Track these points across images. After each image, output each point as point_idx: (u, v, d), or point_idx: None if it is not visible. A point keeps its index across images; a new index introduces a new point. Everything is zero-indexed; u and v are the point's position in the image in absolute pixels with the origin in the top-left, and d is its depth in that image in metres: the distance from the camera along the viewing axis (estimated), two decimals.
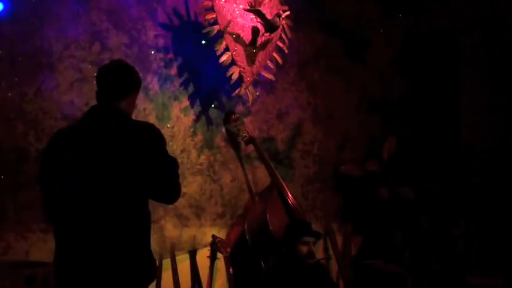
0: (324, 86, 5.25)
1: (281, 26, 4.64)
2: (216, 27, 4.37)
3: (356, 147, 5.38)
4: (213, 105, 4.71)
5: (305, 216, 4.72)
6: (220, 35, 4.39)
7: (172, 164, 2.90)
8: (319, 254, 4.80)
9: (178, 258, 4.38)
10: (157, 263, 3.36)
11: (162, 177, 2.85)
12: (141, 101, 4.31)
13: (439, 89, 5.54)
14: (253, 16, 4.51)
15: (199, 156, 4.62)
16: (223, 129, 4.72)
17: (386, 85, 5.52)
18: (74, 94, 4.14)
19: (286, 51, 4.75)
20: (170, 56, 4.51)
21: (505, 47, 5.25)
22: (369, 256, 4.93)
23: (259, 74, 4.64)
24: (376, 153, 5.22)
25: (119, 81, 2.97)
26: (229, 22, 4.40)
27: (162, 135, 2.92)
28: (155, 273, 3.01)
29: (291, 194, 4.64)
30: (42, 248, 3.94)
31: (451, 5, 5.45)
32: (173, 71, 4.53)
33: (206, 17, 4.36)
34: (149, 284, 2.93)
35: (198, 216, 4.60)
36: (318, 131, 5.20)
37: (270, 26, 4.52)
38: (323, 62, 5.25)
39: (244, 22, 4.49)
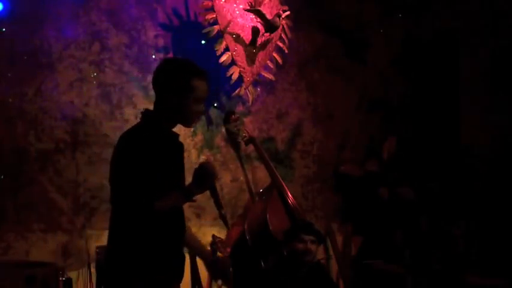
0: (324, 86, 5.24)
1: (281, 26, 4.64)
2: (216, 27, 4.37)
3: (356, 147, 5.38)
4: (214, 105, 4.71)
5: (305, 216, 4.72)
6: (220, 35, 4.39)
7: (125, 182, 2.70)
8: (319, 254, 4.79)
9: None
10: None
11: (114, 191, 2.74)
12: (140, 101, 4.31)
13: (439, 89, 5.53)
14: (253, 16, 4.51)
15: (199, 156, 4.62)
16: (223, 129, 4.71)
17: (387, 85, 5.52)
18: (74, 94, 4.14)
19: (286, 51, 4.75)
20: (170, 56, 4.51)
21: (505, 47, 5.25)
22: (369, 256, 4.92)
23: (259, 74, 4.64)
24: (376, 153, 5.22)
25: (155, 82, 2.83)
26: (229, 22, 4.40)
27: (129, 149, 2.69)
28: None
29: (291, 194, 4.63)
30: (42, 248, 3.94)
31: (451, 5, 5.44)
32: None
33: (206, 17, 4.36)
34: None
35: (198, 216, 4.60)
36: (318, 131, 5.20)
37: (270, 26, 4.52)
38: (323, 62, 5.25)
39: (244, 22, 4.49)
